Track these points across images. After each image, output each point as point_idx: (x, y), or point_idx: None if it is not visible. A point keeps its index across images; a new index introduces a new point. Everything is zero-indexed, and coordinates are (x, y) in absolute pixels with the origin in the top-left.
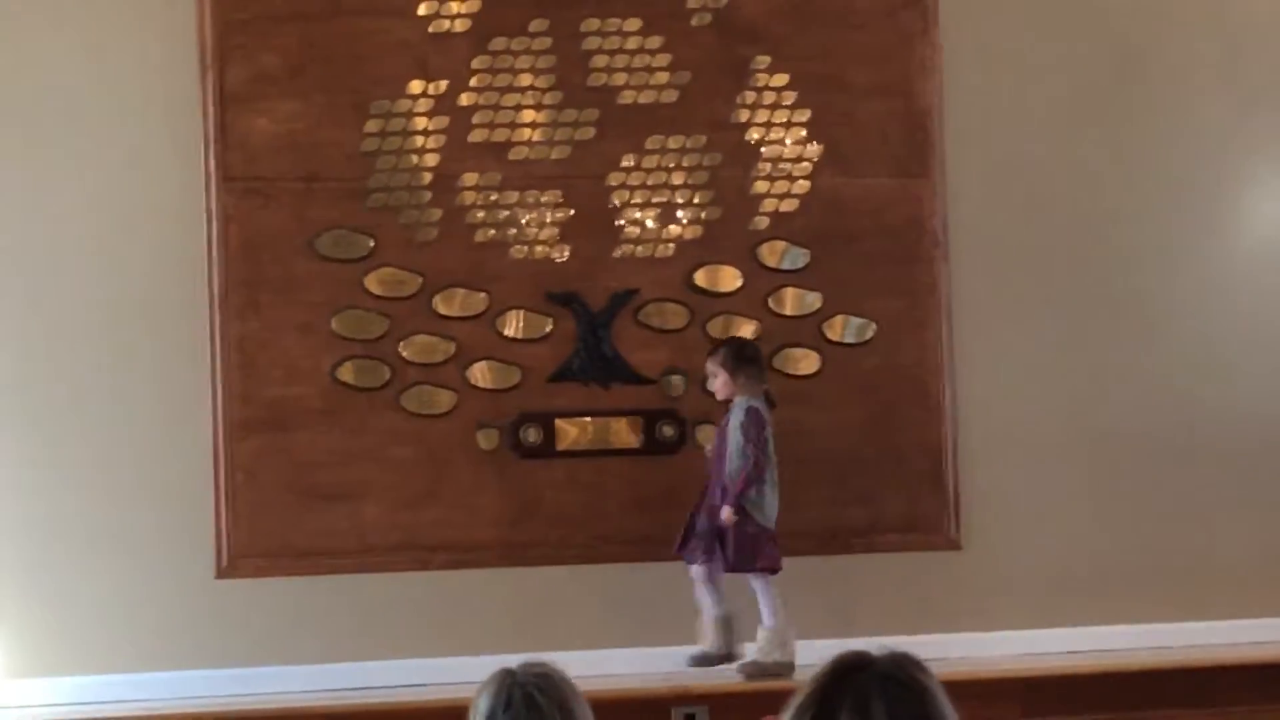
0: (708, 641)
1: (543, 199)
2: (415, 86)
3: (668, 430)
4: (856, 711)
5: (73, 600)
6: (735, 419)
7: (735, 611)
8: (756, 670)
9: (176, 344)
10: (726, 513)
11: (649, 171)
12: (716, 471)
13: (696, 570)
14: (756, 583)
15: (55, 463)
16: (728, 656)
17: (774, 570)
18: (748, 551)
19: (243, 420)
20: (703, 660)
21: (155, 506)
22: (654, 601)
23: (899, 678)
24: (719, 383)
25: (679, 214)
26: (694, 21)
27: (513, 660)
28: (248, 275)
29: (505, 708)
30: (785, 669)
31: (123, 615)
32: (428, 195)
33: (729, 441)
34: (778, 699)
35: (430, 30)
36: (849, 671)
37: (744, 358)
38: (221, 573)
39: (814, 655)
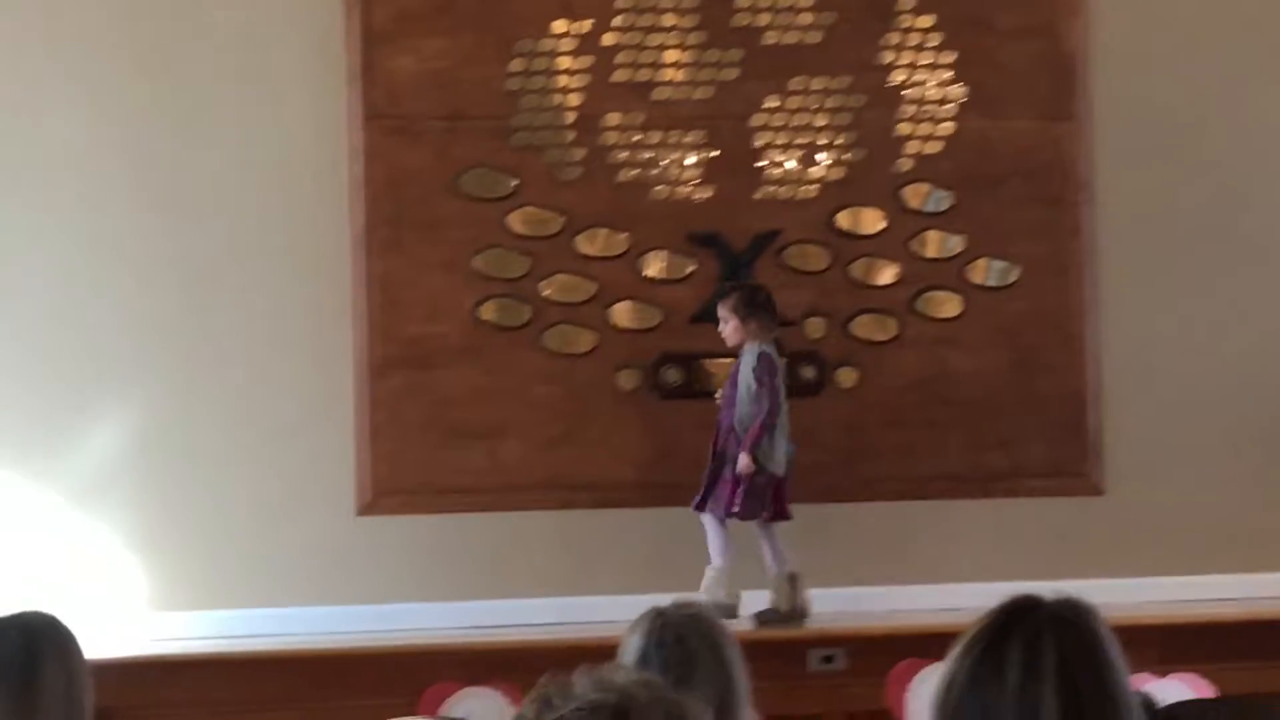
0: (776, 598)
1: (685, 139)
2: (559, 26)
3: (808, 372)
4: (1026, 650)
5: (217, 536)
6: (746, 364)
7: (799, 570)
8: (774, 617)
9: (319, 282)
10: (744, 460)
11: (792, 113)
12: (725, 418)
13: (710, 520)
14: (760, 530)
15: (200, 400)
16: (798, 614)
17: (782, 518)
18: (756, 500)
19: (384, 358)
20: (768, 617)
21: (298, 444)
22: (790, 542)
23: (1069, 619)
24: (729, 329)
25: (821, 155)
26: None
27: (651, 600)
28: (391, 213)
29: (658, 647)
30: (795, 616)
31: (266, 551)
32: (571, 135)
33: (739, 387)
34: (915, 642)
35: None
36: (1020, 612)
37: (755, 304)
38: (363, 510)
39: (957, 600)
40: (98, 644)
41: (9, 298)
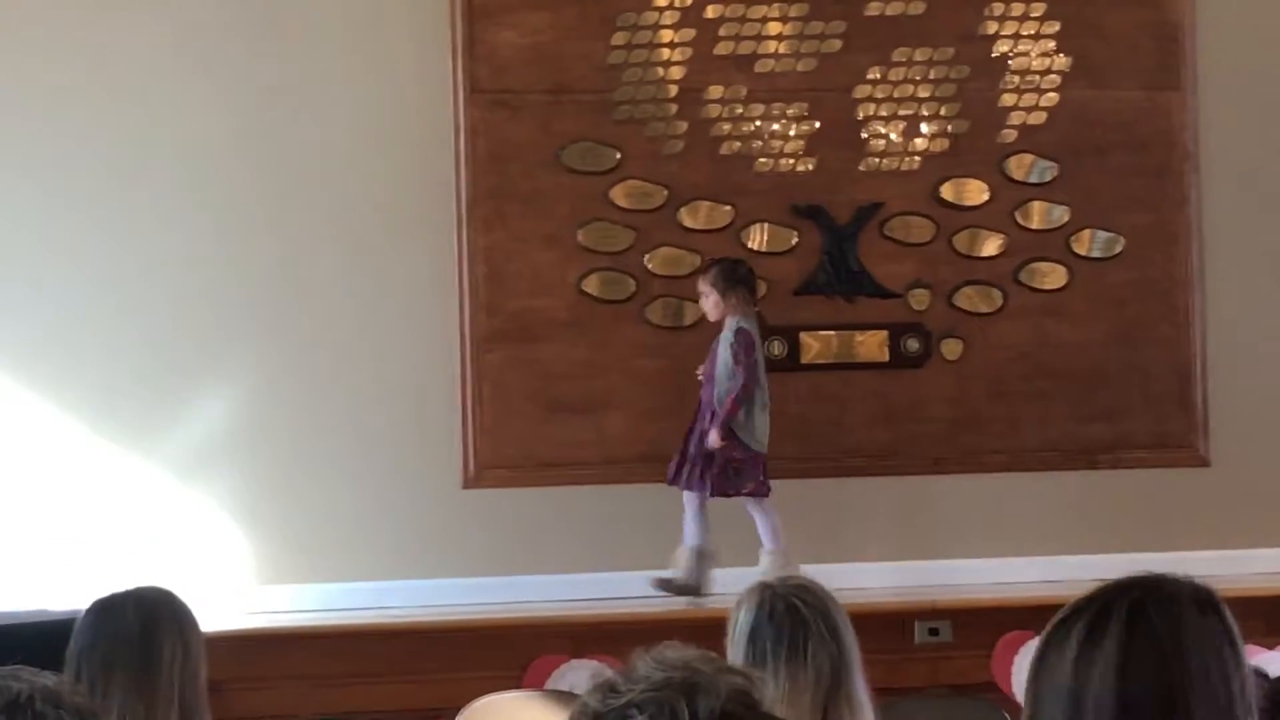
0: (681, 568)
1: (788, 111)
2: None
3: (913, 344)
4: (1124, 623)
5: (323, 509)
6: (725, 340)
7: (713, 549)
8: (669, 586)
9: (424, 255)
10: (713, 436)
11: (895, 84)
12: (706, 394)
13: (689, 497)
14: (751, 507)
15: (306, 375)
16: (695, 589)
17: (763, 494)
18: (733, 475)
19: (489, 332)
20: (666, 585)
21: (403, 418)
22: (895, 515)
23: (1169, 591)
24: (709, 303)
25: (925, 127)
26: None
27: (754, 573)
28: (494, 187)
29: (769, 619)
30: (690, 589)
31: (371, 524)
32: (673, 108)
33: (718, 363)
34: (1020, 615)
35: None
36: (1120, 588)
37: (735, 278)
38: (468, 483)
39: (1062, 572)
40: (205, 618)
41: (122, 277)
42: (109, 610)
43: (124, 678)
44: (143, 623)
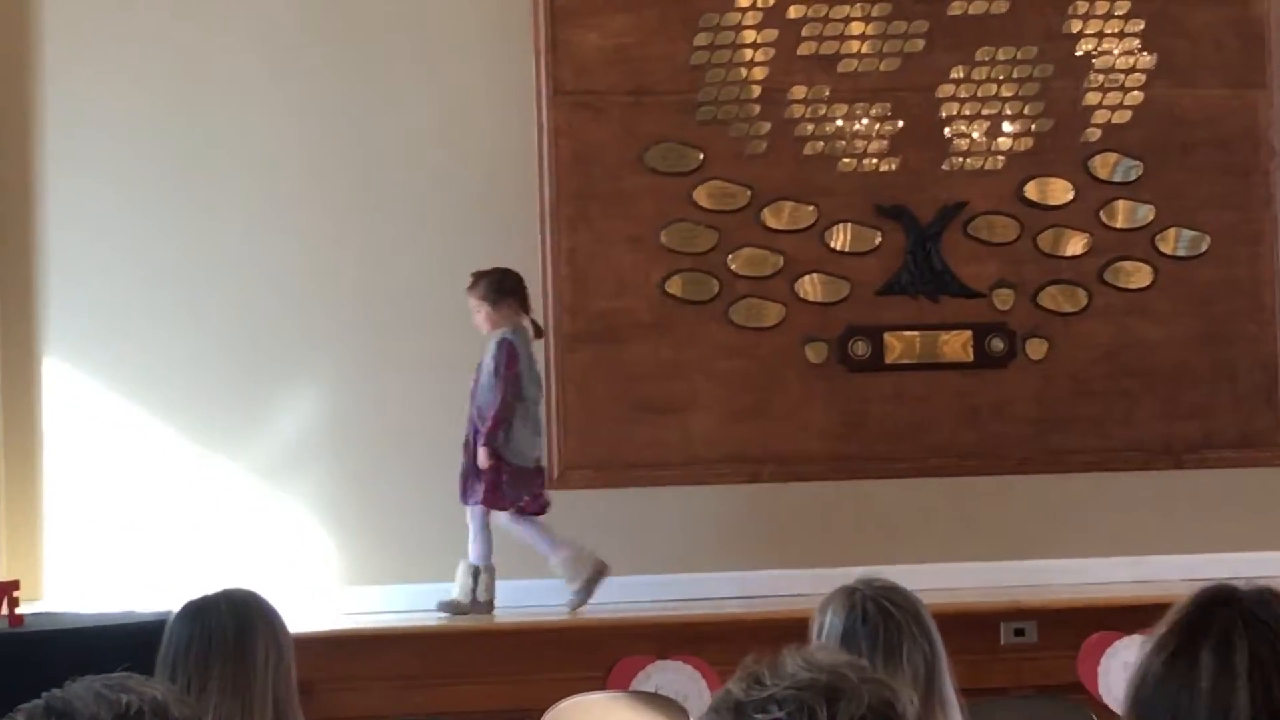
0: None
1: (871, 111)
2: (744, 0)
3: (997, 344)
4: (1219, 648)
5: (409, 511)
6: (489, 352)
7: (491, 565)
8: (579, 601)
9: (509, 256)
10: (482, 455)
11: (979, 83)
12: (471, 405)
13: (470, 513)
14: (517, 524)
15: (389, 376)
16: (477, 608)
17: (535, 512)
18: (507, 490)
19: (573, 332)
20: (449, 607)
21: None
22: (980, 515)
23: (1262, 616)
24: (481, 318)
25: (1008, 126)
26: None
27: (840, 574)
28: (578, 188)
29: (863, 621)
30: (599, 577)
31: (456, 525)
32: (756, 108)
33: (483, 376)
34: (1106, 615)
35: None
36: (1213, 606)
37: (505, 289)
38: (553, 484)
39: (1148, 572)
40: (293, 619)
41: (206, 283)
42: (204, 610)
43: (220, 677)
44: (237, 622)
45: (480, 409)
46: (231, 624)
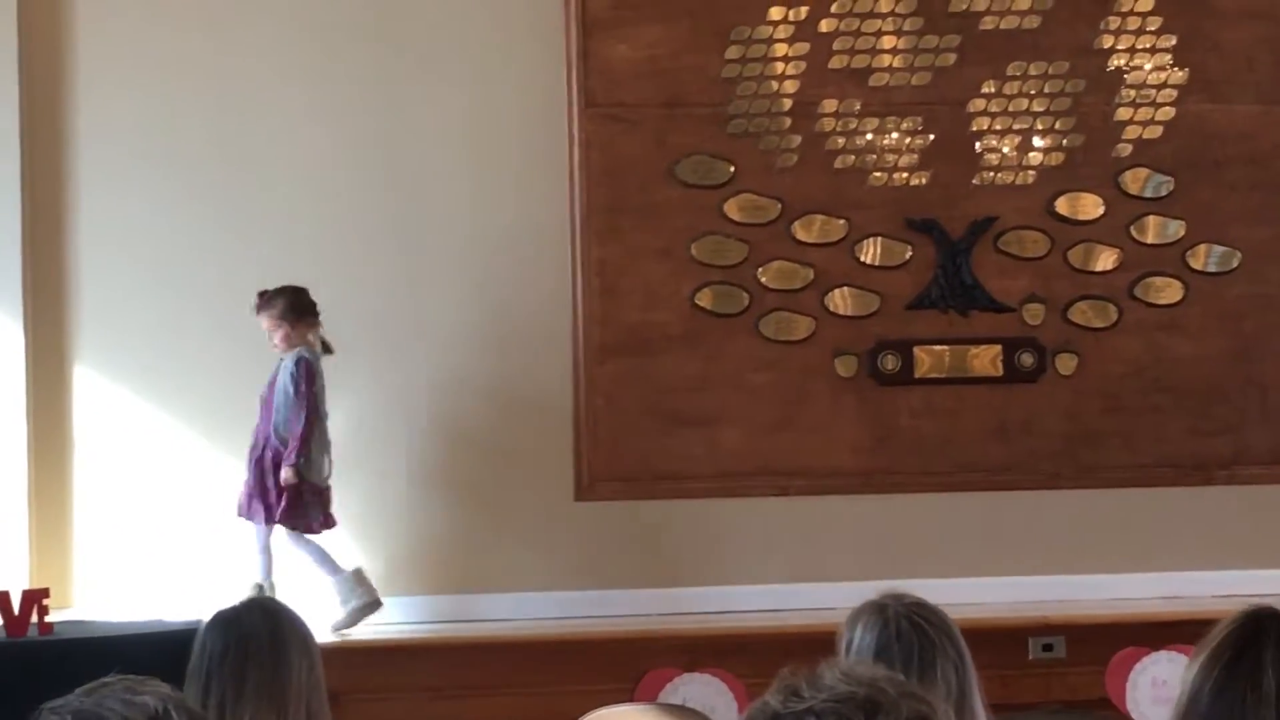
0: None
1: (902, 125)
2: (776, 13)
3: (1027, 358)
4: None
5: (437, 522)
6: (285, 370)
7: (273, 585)
8: (348, 622)
9: (539, 268)
10: (286, 473)
11: (1010, 98)
12: (262, 423)
13: (255, 530)
14: (299, 543)
15: (420, 387)
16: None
17: (322, 530)
18: (300, 510)
19: (603, 344)
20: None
21: (517, 430)
22: (1012, 530)
23: None
24: (279, 338)
25: (1039, 141)
26: None
27: (868, 589)
28: (609, 201)
29: (897, 638)
30: (374, 606)
31: (484, 537)
32: (787, 121)
33: (276, 393)
34: (1135, 631)
35: None
36: (1263, 618)
37: (303, 307)
38: (581, 495)
39: (1177, 588)
40: (318, 629)
41: (240, 291)
42: (237, 620)
43: (256, 686)
44: (271, 631)
45: (277, 427)
46: (265, 633)
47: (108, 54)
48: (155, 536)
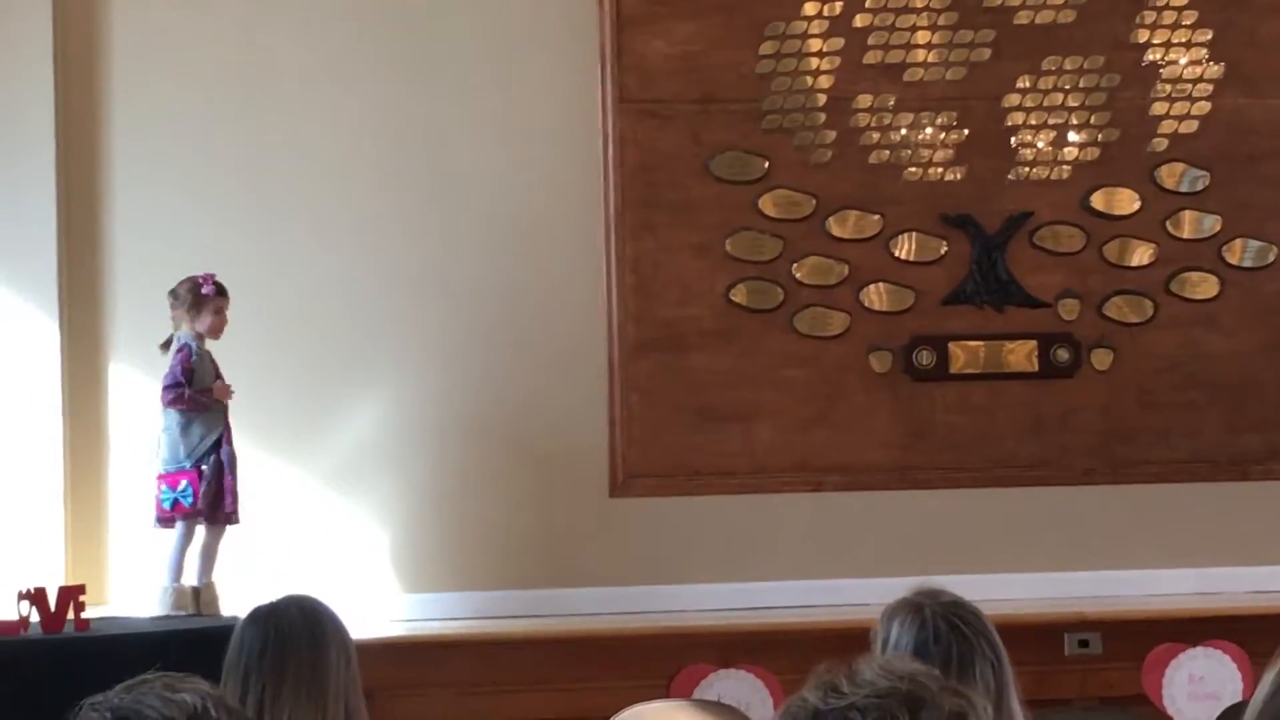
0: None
1: (937, 120)
2: (810, 8)
3: (1062, 354)
4: None
5: (471, 518)
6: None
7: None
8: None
9: (573, 264)
10: None
11: (1045, 93)
12: None
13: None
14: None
15: (454, 383)
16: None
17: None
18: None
19: (637, 340)
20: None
21: (552, 426)
22: (1045, 525)
23: None
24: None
25: (1074, 136)
26: None
27: (902, 584)
28: (643, 196)
29: (934, 639)
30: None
31: (519, 533)
32: (822, 117)
33: None
34: (1171, 627)
35: None
36: None
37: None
38: (616, 491)
39: (1213, 584)
40: (357, 625)
41: (271, 289)
42: (275, 615)
43: (295, 683)
44: (309, 627)
45: None
46: (304, 628)
47: (144, 48)
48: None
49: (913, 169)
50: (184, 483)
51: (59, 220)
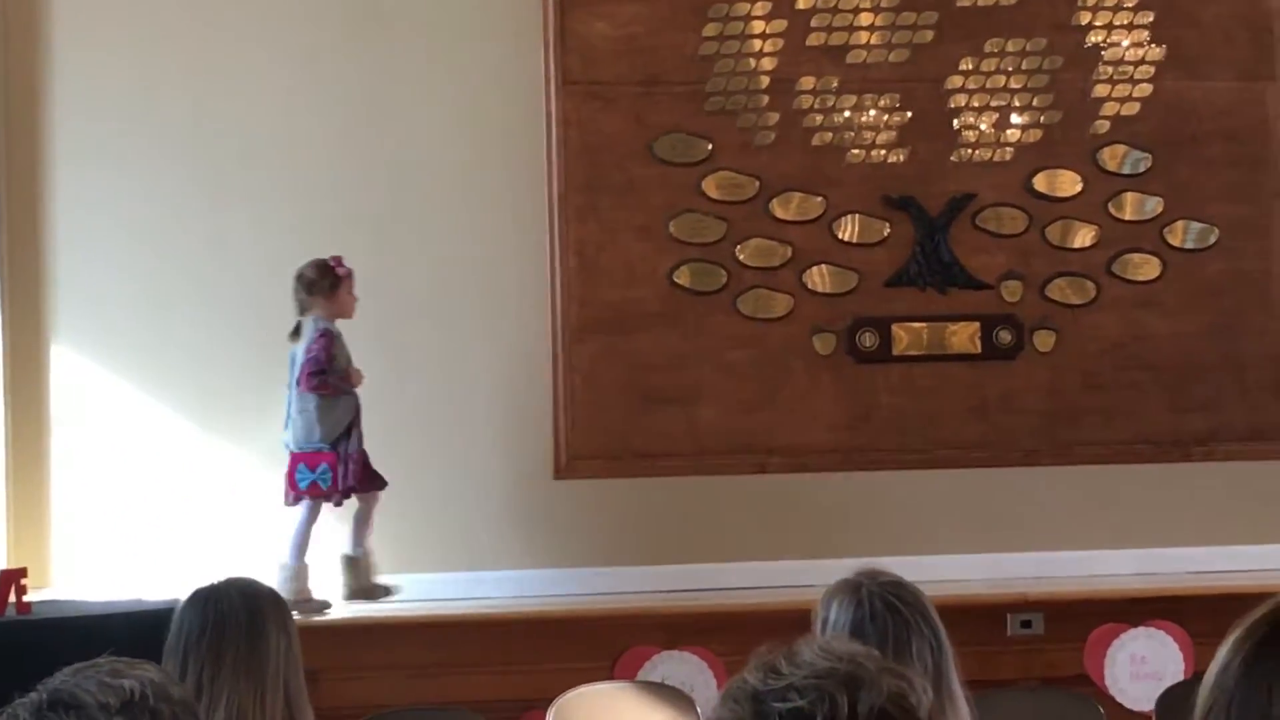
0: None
1: (880, 102)
2: None
3: (1005, 336)
4: None
5: (415, 499)
6: None
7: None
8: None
9: (517, 246)
10: None
11: (988, 75)
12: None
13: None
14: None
15: (399, 366)
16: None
17: None
18: None
19: (581, 322)
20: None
21: (496, 408)
22: (988, 507)
23: None
24: None
25: (1017, 118)
26: None
27: (846, 566)
28: (587, 179)
29: (871, 619)
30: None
31: (463, 515)
32: (765, 99)
33: None
34: (1113, 607)
35: None
36: None
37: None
38: (559, 473)
39: (1156, 564)
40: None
41: (218, 266)
42: (215, 597)
43: (233, 665)
44: (249, 609)
45: None
46: (244, 610)
47: (87, 28)
48: (133, 515)
49: (856, 151)
50: (323, 465)
51: (0, 200)
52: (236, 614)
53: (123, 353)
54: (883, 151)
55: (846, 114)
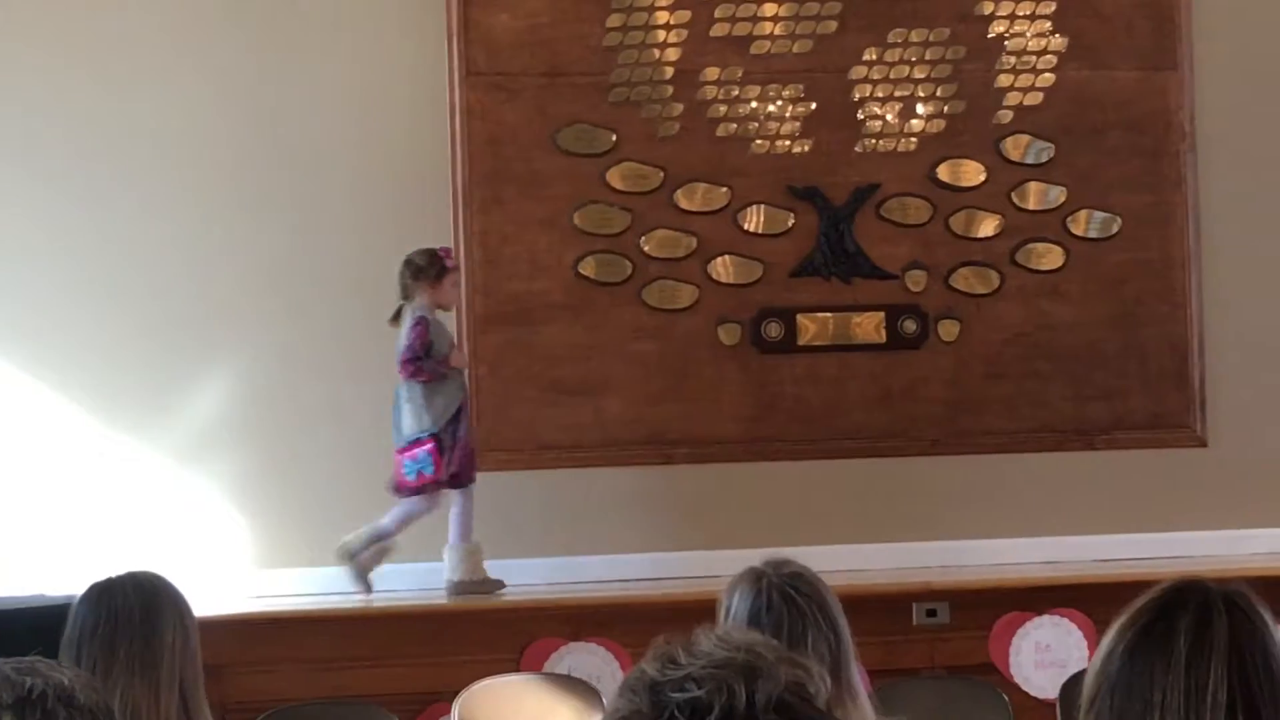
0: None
1: (784, 93)
2: None
3: (910, 325)
4: (1196, 625)
5: (321, 493)
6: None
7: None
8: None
9: (421, 238)
10: None
11: (891, 65)
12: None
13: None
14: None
15: (304, 358)
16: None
17: None
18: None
19: (485, 314)
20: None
21: None
22: (893, 496)
23: (1241, 605)
24: None
25: (921, 108)
26: None
27: (753, 555)
28: (491, 170)
29: (768, 609)
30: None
31: (369, 509)
32: (669, 89)
33: None
34: (1018, 596)
35: None
36: (1187, 590)
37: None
38: None
39: (1060, 553)
40: (206, 602)
41: (119, 265)
42: (109, 592)
43: (127, 659)
44: (143, 605)
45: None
46: (138, 605)
47: None
48: (37, 510)
49: (760, 141)
50: (421, 452)
51: None
52: (131, 609)
53: (28, 347)
54: (787, 142)
55: (751, 105)
